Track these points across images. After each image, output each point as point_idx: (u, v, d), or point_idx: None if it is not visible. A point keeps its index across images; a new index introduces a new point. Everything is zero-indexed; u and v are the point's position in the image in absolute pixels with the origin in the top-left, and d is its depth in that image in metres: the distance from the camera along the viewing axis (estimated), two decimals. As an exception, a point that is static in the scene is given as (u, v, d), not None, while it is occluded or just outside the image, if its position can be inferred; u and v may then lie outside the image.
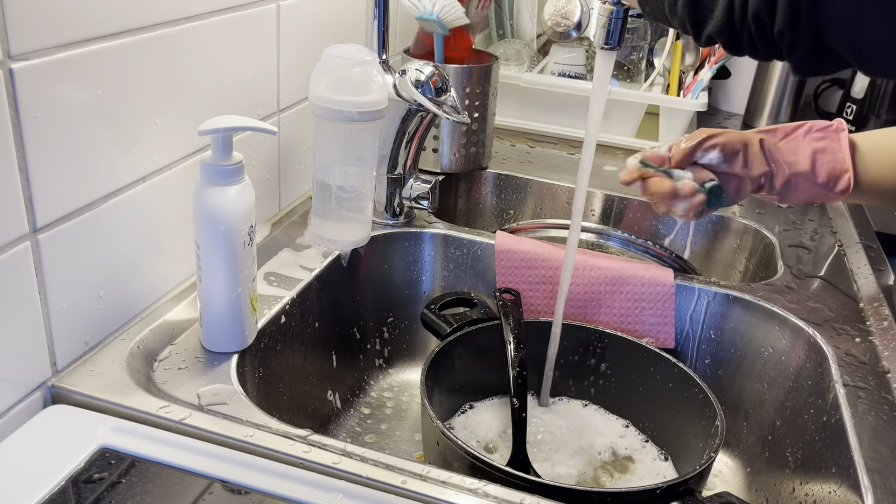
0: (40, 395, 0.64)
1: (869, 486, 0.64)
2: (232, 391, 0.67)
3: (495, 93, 1.13)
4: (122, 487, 0.56)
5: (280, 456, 0.60)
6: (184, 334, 0.73)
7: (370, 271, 0.96)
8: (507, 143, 1.32)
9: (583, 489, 0.64)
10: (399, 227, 0.98)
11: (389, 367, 1.00)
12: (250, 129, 0.68)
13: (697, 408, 0.78)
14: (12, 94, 0.55)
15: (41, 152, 0.59)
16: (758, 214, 1.12)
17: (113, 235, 0.68)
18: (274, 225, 0.94)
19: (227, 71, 0.79)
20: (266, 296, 0.81)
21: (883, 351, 0.82)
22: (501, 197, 1.22)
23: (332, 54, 0.81)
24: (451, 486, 0.59)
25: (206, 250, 0.67)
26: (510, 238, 0.93)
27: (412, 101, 0.88)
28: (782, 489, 0.79)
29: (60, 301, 0.64)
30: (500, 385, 0.89)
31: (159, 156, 0.72)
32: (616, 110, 1.33)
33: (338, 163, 0.84)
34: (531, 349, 0.88)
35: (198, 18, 0.73)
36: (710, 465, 0.69)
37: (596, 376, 0.88)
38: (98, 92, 0.63)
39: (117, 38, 0.64)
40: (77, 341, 0.67)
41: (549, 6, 1.30)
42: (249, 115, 0.84)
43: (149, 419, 0.62)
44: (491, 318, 0.87)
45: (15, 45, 0.55)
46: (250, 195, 0.68)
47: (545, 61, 1.40)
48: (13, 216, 0.58)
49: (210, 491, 0.56)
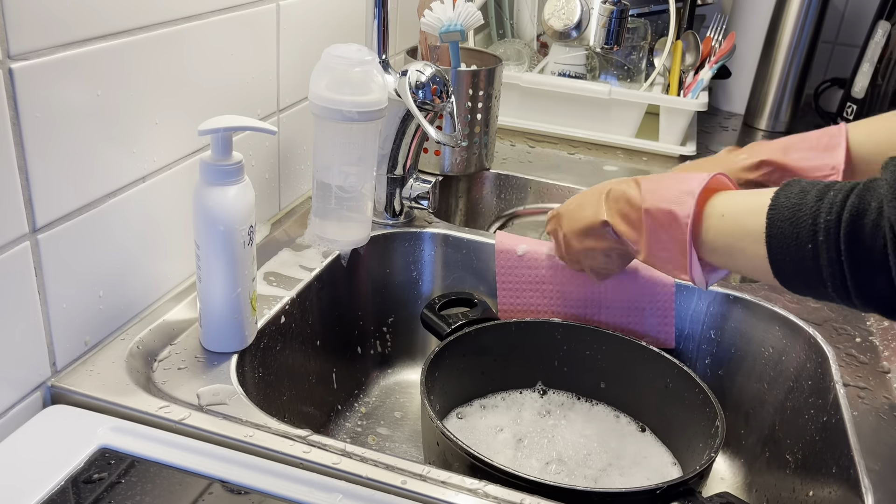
0: (40, 396, 0.64)
1: (869, 487, 0.64)
2: (232, 391, 0.67)
3: (498, 95, 1.13)
4: (121, 487, 0.55)
5: (280, 456, 0.60)
6: (183, 334, 0.73)
7: (370, 271, 0.96)
8: (508, 143, 1.32)
9: (583, 489, 0.64)
10: (399, 227, 0.98)
11: (389, 368, 1.00)
12: (250, 128, 0.68)
13: (698, 408, 0.78)
14: (12, 93, 0.55)
15: (41, 152, 0.59)
16: (758, 214, 1.12)
17: (112, 235, 0.68)
18: (274, 225, 0.94)
19: (227, 71, 0.79)
20: (266, 296, 0.81)
21: (883, 351, 0.82)
22: (501, 197, 1.21)
23: (332, 54, 0.80)
24: (451, 486, 0.59)
25: (205, 250, 0.67)
26: (510, 238, 0.93)
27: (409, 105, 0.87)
28: (782, 489, 0.79)
29: (60, 301, 0.64)
30: (501, 385, 0.89)
31: (159, 155, 0.72)
32: (616, 110, 1.33)
33: (338, 162, 0.84)
34: (531, 349, 0.88)
35: (197, 18, 0.73)
36: (711, 465, 0.69)
37: (596, 376, 0.88)
38: (98, 92, 0.63)
39: (117, 37, 0.64)
40: (77, 341, 0.67)
41: (549, 6, 1.30)
42: (249, 114, 0.84)
43: (148, 419, 0.62)
44: (491, 318, 0.87)
45: (15, 45, 0.55)
46: (250, 195, 0.68)
47: (545, 61, 1.40)
48: (13, 216, 0.58)
49: (210, 491, 0.56)
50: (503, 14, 1.48)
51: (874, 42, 1.48)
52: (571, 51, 1.35)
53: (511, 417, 0.85)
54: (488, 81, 1.09)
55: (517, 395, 0.88)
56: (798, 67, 1.55)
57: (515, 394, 0.89)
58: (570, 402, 0.89)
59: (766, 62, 1.56)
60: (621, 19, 1.26)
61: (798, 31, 1.52)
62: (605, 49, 1.29)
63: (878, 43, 1.47)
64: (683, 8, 1.51)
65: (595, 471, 0.79)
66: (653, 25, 1.44)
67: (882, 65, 1.46)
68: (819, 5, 1.50)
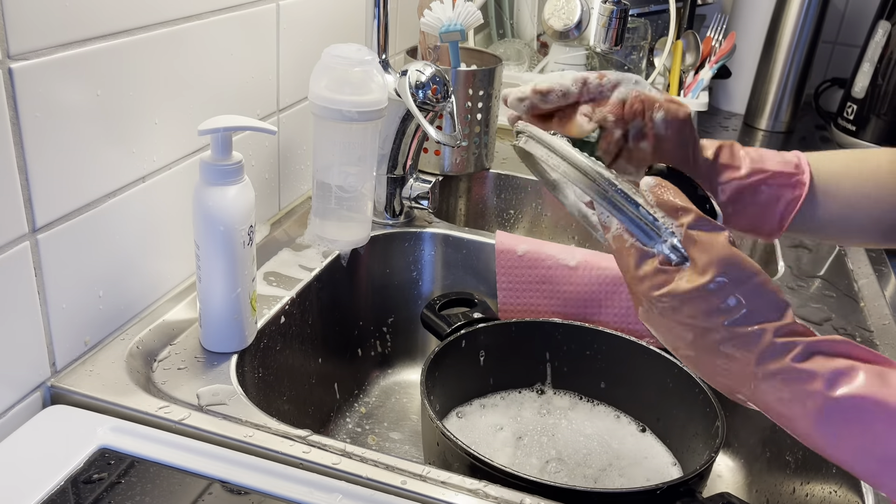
0: (39, 396, 0.64)
1: (869, 487, 0.64)
2: (231, 391, 0.67)
3: (498, 95, 1.13)
4: (121, 488, 0.55)
5: (280, 456, 0.60)
6: (183, 334, 0.73)
7: (370, 271, 0.96)
8: (508, 143, 1.32)
9: (583, 489, 0.64)
10: (399, 227, 0.98)
11: (389, 367, 1.00)
12: (250, 128, 0.68)
13: (698, 408, 0.78)
14: (12, 93, 0.55)
15: (40, 152, 0.59)
16: (758, 214, 1.12)
17: (112, 235, 0.68)
18: (274, 225, 0.93)
19: (227, 70, 0.79)
20: (266, 296, 0.80)
21: (883, 351, 0.82)
22: (501, 197, 1.21)
23: (331, 54, 0.80)
24: (451, 486, 0.59)
25: (205, 250, 0.67)
26: (510, 238, 0.93)
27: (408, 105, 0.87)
28: (783, 489, 0.79)
29: (60, 301, 0.64)
30: (501, 385, 0.89)
31: (159, 155, 0.72)
32: (616, 110, 1.33)
33: (338, 162, 0.84)
34: (531, 349, 0.88)
35: (197, 18, 0.73)
36: (711, 466, 0.69)
37: (596, 376, 0.88)
38: (97, 91, 0.63)
39: (117, 37, 0.64)
40: (76, 341, 0.67)
41: (549, 6, 1.30)
42: (249, 114, 0.84)
43: (148, 419, 0.62)
44: (491, 318, 0.87)
45: (14, 44, 0.55)
46: (250, 195, 0.68)
47: (545, 61, 1.40)
48: (12, 216, 0.58)
49: (210, 491, 0.56)
50: (503, 14, 1.48)
51: (874, 42, 1.48)
52: (571, 51, 1.35)
53: (511, 416, 0.85)
54: (488, 81, 1.09)
55: (517, 394, 0.88)
56: (798, 67, 1.55)
57: (515, 393, 0.89)
58: (571, 402, 0.89)
59: (767, 62, 1.56)
60: (621, 19, 1.26)
61: (798, 31, 1.52)
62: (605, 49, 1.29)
63: (879, 43, 1.47)
64: (683, 8, 1.51)
65: (595, 470, 0.79)
66: (653, 25, 1.44)
67: (882, 65, 1.46)
68: (819, 5, 1.50)
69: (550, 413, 0.87)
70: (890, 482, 0.47)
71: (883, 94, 1.47)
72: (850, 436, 0.46)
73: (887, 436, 0.46)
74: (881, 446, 0.46)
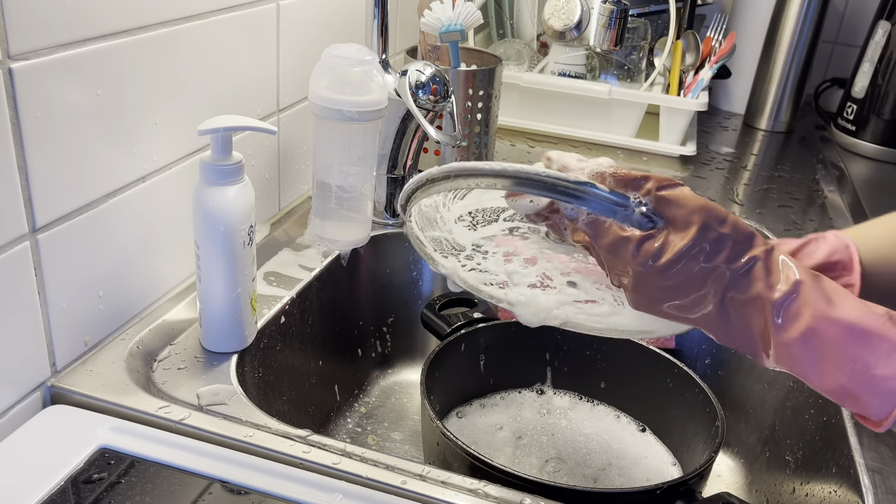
0: (39, 396, 0.64)
1: (869, 487, 0.64)
2: (231, 391, 0.67)
3: (498, 95, 1.13)
4: (121, 488, 0.55)
5: (280, 456, 0.60)
6: (183, 334, 0.73)
7: (370, 271, 0.96)
8: (507, 143, 1.32)
9: (583, 489, 0.64)
10: (399, 227, 0.98)
11: (389, 367, 1.00)
12: (250, 128, 0.68)
13: (698, 408, 0.78)
14: (12, 93, 0.55)
15: (41, 152, 0.59)
16: (758, 214, 1.12)
17: (112, 235, 0.68)
18: (274, 225, 0.93)
19: (227, 70, 0.79)
20: (266, 296, 0.81)
21: None
22: (501, 197, 1.21)
23: (331, 54, 0.81)
24: (451, 486, 0.59)
25: (205, 250, 0.67)
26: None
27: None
28: (783, 489, 0.79)
29: (60, 301, 0.64)
30: (500, 385, 0.89)
31: (159, 155, 0.72)
32: (616, 110, 1.33)
33: (338, 162, 0.84)
34: (531, 349, 0.88)
35: (197, 18, 0.73)
36: (711, 466, 0.69)
37: (596, 376, 0.88)
38: (98, 91, 0.63)
39: (117, 37, 0.64)
40: (76, 341, 0.67)
41: (549, 6, 1.30)
42: (249, 114, 0.84)
43: (148, 419, 0.62)
44: (491, 318, 0.87)
45: (14, 44, 0.55)
46: (250, 195, 0.68)
47: (545, 61, 1.40)
48: (12, 216, 0.58)
49: (210, 491, 0.56)
50: (503, 14, 1.48)
51: (874, 42, 1.48)
52: (571, 51, 1.36)
53: (511, 416, 0.85)
54: (488, 81, 1.09)
55: (517, 394, 0.89)
56: (798, 67, 1.55)
57: (515, 393, 0.89)
58: (571, 402, 0.89)
59: (766, 62, 1.56)
60: (621, 19, 1.27)
61: (798, 30, 1.52)
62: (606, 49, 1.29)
63: (879, 43, 1.47)
64: (683, 8, 1.51)
65: (595, 470, 0.79)
66: (653, 25, 1.44)
67: (882, 65, 1.46)
68: (819, 5, 1.50)
69: (550, 413, 0.87)
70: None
71: (883, 94, 1.47)
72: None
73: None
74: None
